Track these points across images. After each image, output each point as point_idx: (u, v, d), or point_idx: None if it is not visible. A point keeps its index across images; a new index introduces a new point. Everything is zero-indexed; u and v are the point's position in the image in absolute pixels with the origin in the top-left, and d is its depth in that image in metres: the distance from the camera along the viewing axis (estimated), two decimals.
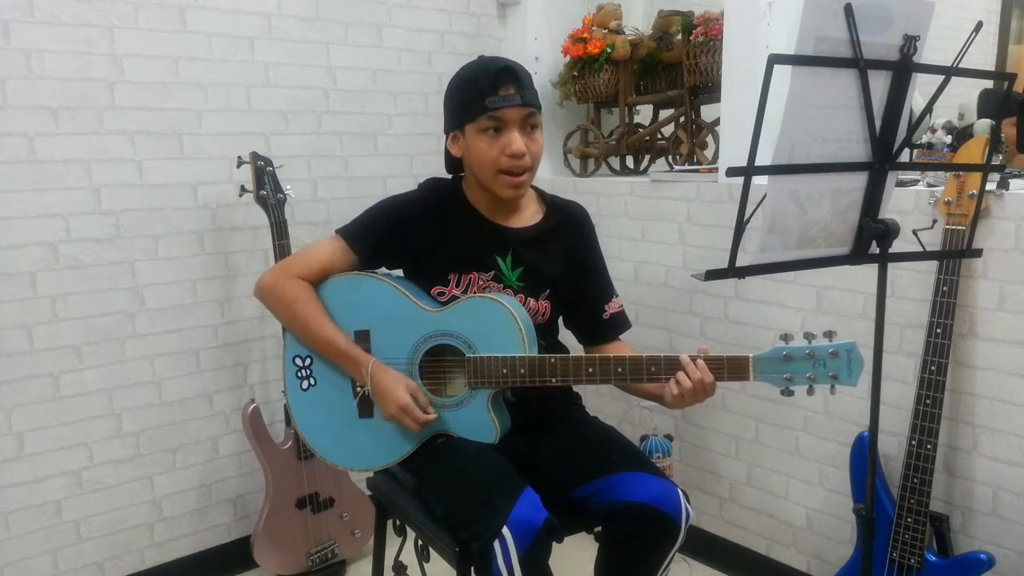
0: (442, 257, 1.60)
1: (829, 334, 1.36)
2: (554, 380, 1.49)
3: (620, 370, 1.46)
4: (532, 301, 1.62)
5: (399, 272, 1.68)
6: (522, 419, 1.60)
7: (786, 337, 1.37)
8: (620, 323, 1.72)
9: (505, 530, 1.33)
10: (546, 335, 1.65)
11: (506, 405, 1.59)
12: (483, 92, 1.50)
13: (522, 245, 1.62)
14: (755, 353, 1.39)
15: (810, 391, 1.38)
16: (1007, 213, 1.68)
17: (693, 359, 1.42)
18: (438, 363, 1.58)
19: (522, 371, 1.49)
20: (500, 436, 1.54)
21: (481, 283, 1.60)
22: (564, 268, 1.66)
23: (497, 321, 1.51)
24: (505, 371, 1.49)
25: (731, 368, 1.41)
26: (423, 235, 1.60)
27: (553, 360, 1.48)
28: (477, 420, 1.55)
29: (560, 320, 1.75)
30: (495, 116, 1.50)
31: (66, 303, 2.08)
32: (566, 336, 1.76)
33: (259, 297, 1.67)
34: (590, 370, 1.48)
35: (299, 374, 1.66)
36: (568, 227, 1.68)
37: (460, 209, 1.63)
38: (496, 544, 1.33)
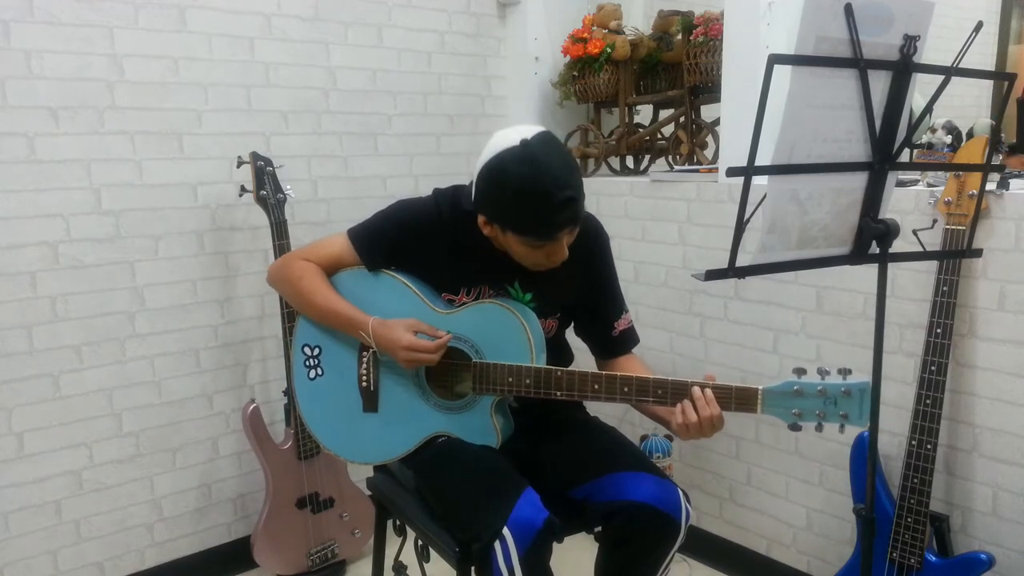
0: (451, 273, 1.57)
1: (844, 372, 1.31)
2: (559, 393, 1.47)
3: (626, 389, 1.44)
4: (541, 320, 1.58)
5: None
6: (523, 420, 1.60)
7: (799, 371, 1.33)
8: (628, 339, 1.69)
9: (505, 531, 1.33)
10: (552, 346, 1.61)
11: (508, 407, 1.59)
12: (542, 223, 1.39)
13: (534, 272, 1.55)
14: (765, 385, 1.35)
15: (819, 428, 1.33)
16: (1007, 213, 1.68)
17: (702, 388, 1.38)
18: (446, 364, 1.57)
19: (527, 382, 1.48)
20: (502, 442, 1.54)
21: (492, 292, 1.57)
22: (576, 286, 1.61)
23: (507, 329, 1.50)
24: (511, 380, 1.48)
25: (739, 399, 1.37)
26: (433, 249, 1.56)
27: (559, 373, 1.46)
28: (480, 424, 1.54)
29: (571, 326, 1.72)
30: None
31: (66, 303, 2.08)
32: (571, 339, 1.74)
33: (270, 281, 1.72)
34: (596, 387, 1.46)
35: (307, 363, 1.66)
36: (581, 242, 1.57)
37: (472, 234, 1.51)
38: (496, 544, 1.33)
